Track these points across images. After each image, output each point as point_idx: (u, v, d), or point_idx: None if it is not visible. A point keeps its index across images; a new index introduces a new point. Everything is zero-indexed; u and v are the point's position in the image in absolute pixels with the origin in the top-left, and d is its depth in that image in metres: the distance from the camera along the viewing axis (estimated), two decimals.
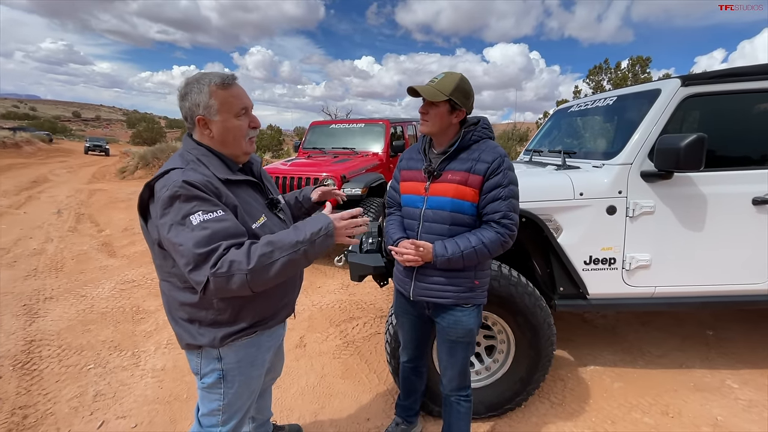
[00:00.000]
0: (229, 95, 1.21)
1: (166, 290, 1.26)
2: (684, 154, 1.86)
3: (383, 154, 5.90)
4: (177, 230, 1.06)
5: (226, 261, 1.05)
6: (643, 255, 2.15)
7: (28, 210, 7.70)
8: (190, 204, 1.08)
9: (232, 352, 1.28)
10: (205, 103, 1.19)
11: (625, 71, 17.00)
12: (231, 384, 1.31)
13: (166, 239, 1.09)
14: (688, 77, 2.14)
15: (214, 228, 1.07)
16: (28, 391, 2.36)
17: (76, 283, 4.05)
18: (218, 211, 1.10)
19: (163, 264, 1.21)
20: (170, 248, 1.11)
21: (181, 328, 1.25)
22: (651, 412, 2.21)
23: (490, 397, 2.10)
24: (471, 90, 1.48)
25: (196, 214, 1.07)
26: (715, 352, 2.82)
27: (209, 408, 1.33)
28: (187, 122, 1.25)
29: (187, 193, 1.08)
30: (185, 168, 1.14)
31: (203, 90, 1.18)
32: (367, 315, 3.44)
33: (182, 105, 1.23)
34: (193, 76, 1.24)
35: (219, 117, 1.20)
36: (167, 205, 1.08)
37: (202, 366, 1.29)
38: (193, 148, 1.23)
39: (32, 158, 20.67)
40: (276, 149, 26.61)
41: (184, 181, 1.08)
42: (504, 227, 1.42)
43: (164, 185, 1.10)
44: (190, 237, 1.05)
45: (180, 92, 1.23)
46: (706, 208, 2.13)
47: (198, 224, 1.06)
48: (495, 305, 1.97)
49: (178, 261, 1.10)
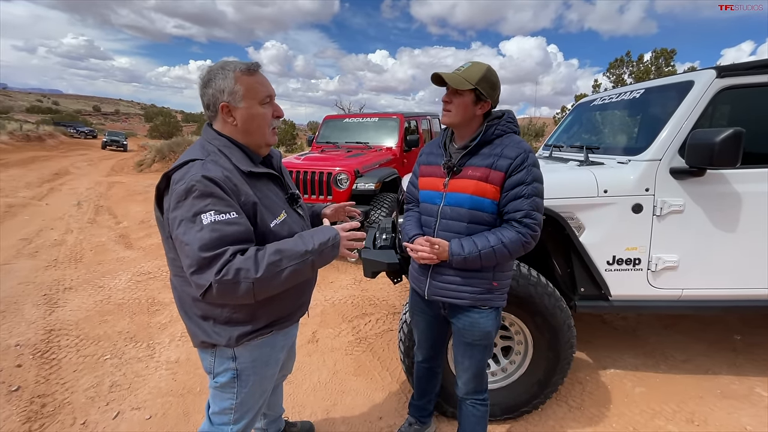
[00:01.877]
0: (255, 81, 1.19)
1: (178, 285, 1.23)
2: (719, 150, 1.75)
3: (397, 148, 5.84)
4: (186, 227, 1.03)
5: (232, 268, 1.01)
6: (670, 256, 2.05)
7: (50, 201, 7.91)
8: (204, 201, 1.03)
9: (247, 352, 1.26)
10: (230, 88, 1.15)
11: (648, 64, 16.46)
12: (244, 383, 1.29)
13: (174, 234, 1.06)
14: (724, 68, 2.02)
15: (223, 231, 1.03)
16: (47, 380, 2.40)
17: (94, 274, 4.13)
18: (232, 212, 1.05)
19: (177, 258, 1.17)
20: (177, 244, 1.07)
21: (195, 325, 1.22)
22: (675, 420, 2.12)
23: (506, 399, 2.05)
24: (498, 81, 1.41)
25: (208, 213, 1.03)
26: (743, 358, 2.70)
27: (221, 407, 1.31)
28: (209, 110, 1.20)
29: (203, 189, 1.03)
30: (205, 160, 1.10)
31: (228, 76, 1.15)
32: (379, 311, 3.41)
33: (205, 92, 1.18)
34: (216, 63, 1.20)
35: (244, 103, 1.17)
36: (181, 198, 1.04)
37: (215, 365, 1.26)
38: (214, 139, 1.19)
39: (54, 151, 21.29)
40: (290, 143, 26.76)
41: (204, 176, 1.04)
42: (526, 227, 1.35)
43: (181, 178, 1.06)
44: (198, 238, 1.01)
45: (202, 79, 1.18)
46: (741, 208, 2.01)
47: (208, 224, 1.02)
48: (513, 305, 1.90)
49: (182, 259, 1.07)
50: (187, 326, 1.26)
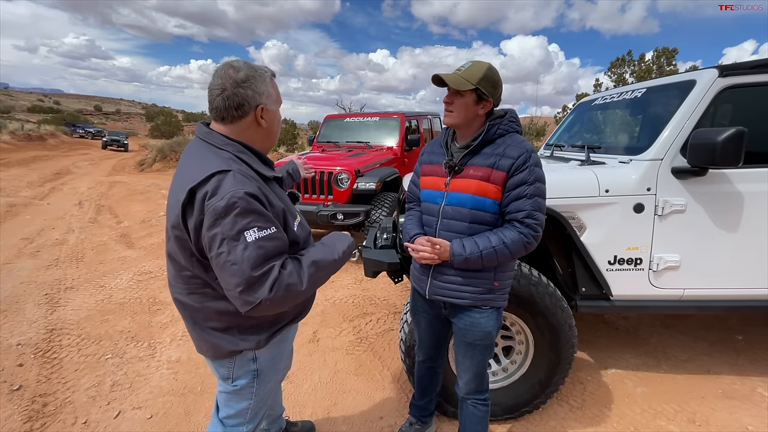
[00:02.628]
0: (277, 87, 1.24)
1: (195, 303, 1.16)
2: (721, 150, 1.74)
3: (398, 148, 5.83)
4: (230, 245, 1.00)
5: (282, 284, 1.03)
6: (671, 256, 2.05)
7: (51, 201, 7.92)
8: (247, 218, 1.01)
9: (267, 351, 1.27)
10: (267, 92, 1.17)
11: (650, 63, 16.42)
12: (263, 382, 1.30)
13: (214, 253, 1.02)
14: (726, 67, 2.01)
15: (267, 247, 1.03)
16: (48, 380, 2.41)
17: (95, 274, 4.14)
18: (272, 227, 1.06)
19: (201, 275, 1.11)
20: (218, 263, 1.02)
21: (216, 338, 1.18)
22: (677, 420, 2.12)
23: (507, 399, 2.04)
24: (499, 80, 1.40)
25: (252, 230, 1.01)
26: (744, 358, 2.69)
27: (237, 409, 1.30)
28: (237, 111, 1.12)
29: (246, 205, 1.00)
30: (233, 171, 1.04)
31: (266, 79, 1.17)
32: (380, 311, 3.41)
33: (237, 92, 1.10)
34: (241, 62, 1.15)
35: (274, 107, 1.21)
36: (220, 216, 0.99)
37: (234, 370, 1.25)
38: (225, 144, 1.12)
39: (56, 150, 21.33)
40: (290, 143, 26.76)
41: (246, 193, 1.01)
42: (528, 227, 1.34)
43: (214, 193, 1.00)
44: (246, 256, 0.99)
45: (235, 78, 1.10)
46: (743, 208, 2.01)
47: (253, 242, 1.00)
48: (514, 305, 1.90)
49: (225, 278, 1.02)
50: (203, 341, 1.21)
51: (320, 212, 4.43)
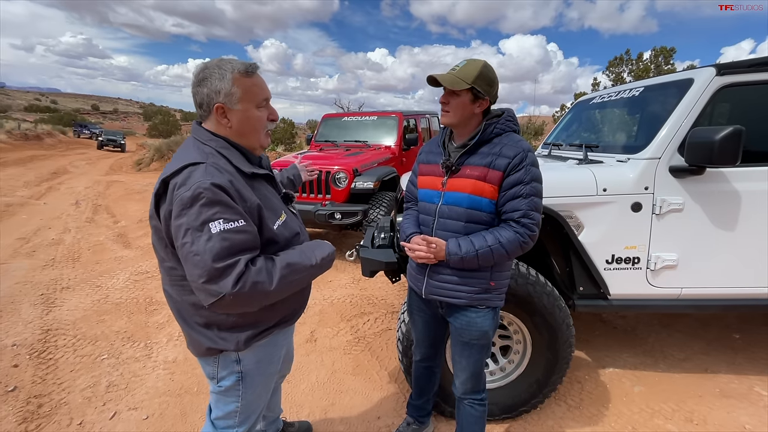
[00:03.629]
0: (253, 84, 1.15)
1: (175, 295, 1.19)
2: (719, 148, 1.74)
3: (396, 147, 5.82)
4: (193, 236, 0.99)
5: (249, 281, 1.00)
6: (669, 255, 2.04)
7: (48, 201, 7.88)
8: (213, 209, 1.00)
9: (252, 353, 1.25)
10: (226, 90, 1.11)
11: (647, 62, 16.45)
12: (249, 385, 1.27)
13: (179, 243, 1.02)
14: (724, 66, 2.00)
15: (233, 239, 1.01)
16: (44, 380, 2.39)
17: (91, 274, 4.12)
18: (240, 220, 1.03)
19: (176, 267, 1.12)
20: (182, 254, 1.03)
21: (198, 333, 1.18)
22: (674, 419, 2.12)
23: (505, 398, 2.04)
24: (495, 77, 1.39)
25: (217, 222, 0.99)
26: (742, 357, 2.69)
27: (225, 411, 1.29)
28: (200, 109, 1.15)
29: (212, 196, 1.00)
30: (206, 163, 1.05)
31: (226, 76, 1.11)
32: (378, 310, 3.40)
33: (198, 90, 1.12)
34: (212, 60, 1.16)
35: (240, 106, 1.13)
36: (186, 206, 0.99)
37: (219, 370, 1.24)
38: (210, 140, 1.14)
39: (53, 150, 21.25)
40: (288, 142, 26.73)
41: (212, 184, 1.00)
42: (524, 227, 1.34)
43: (184, 183, 1.01)
44: (208, 247, 0.98)
45: (197, 77, 1.13)
46: (740, 206, 2.00)
47: (217, 233, 0.99)
48: (512, 305, 1.89)
49: (188, 269, 1.03)
50: (187, 335, 1.22)
51: (318, 212, 4.42)
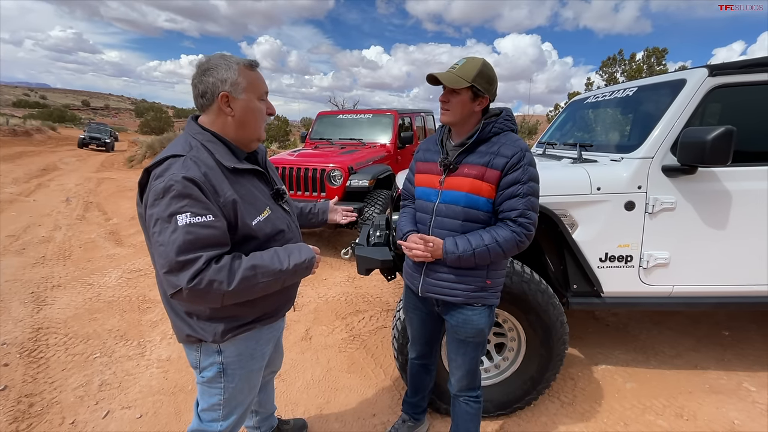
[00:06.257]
0: (255, 77, 1.20)
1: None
2: (711, 148, 1.76)
3: (391, 145, 5.81)
4: (161, 226, 1.02)
5: (205, 278, 1.01)
6: (661, 253, 2.07)
7: (37, 197, 7.76)
8: (181, 202, 1.02)
9: (233, 346, 1.26)
10: (233, 79, 1.14)
11: (640, 63, 16.60)
12: (231, 378, 1.28)
13: (150, 232, 1.05)
14: (716, 66, 2.03)
15: (198, 234, 1.02)
16: (35, 379, 2.36)
17: (83, 272, 4.07)
18: (208, 215, 1.04)
19: None
20: (152, 242, 1.06)
21: (181, 320, 1.22)
22: (665, 414, 2.15)
23: (499, 395, 2.05)
24: (494, 76, 1.40)
25: (184, 215, 1.01)
26: (731, 354, 2.74)
27: (209, 403, 1.31)
28: (203, 99, 1.17)
29: (182, 189, 1.02)
30: (186, 156, 1.08)
31: (232, 67, 1.15)
32: (373, 308, 3.40)
33: (203, 80, 1.15)
34: (215, 54, 1.19)
35: (244, 96, 1.17)
36: (158, 196, 1.03)
37: (201, 360, 1.26)
38: (198, 133, 1.17)
39: (42, 146, 20.90)
40: (283, 140, 26.57)
41: (183, 177, 1.02)
42: (521, 226, 1.34)
43: (160, 174, 1.05)
44: (172, 239, 1.00)
45: (201, 67, 1.16)
46: (731, 206, 2.04)
47: (183, 226, 1.01)
48: (506, 302, 1.90)
49: (155, 258, 1.07)
50: (172, 321, 1.26)
51: None
